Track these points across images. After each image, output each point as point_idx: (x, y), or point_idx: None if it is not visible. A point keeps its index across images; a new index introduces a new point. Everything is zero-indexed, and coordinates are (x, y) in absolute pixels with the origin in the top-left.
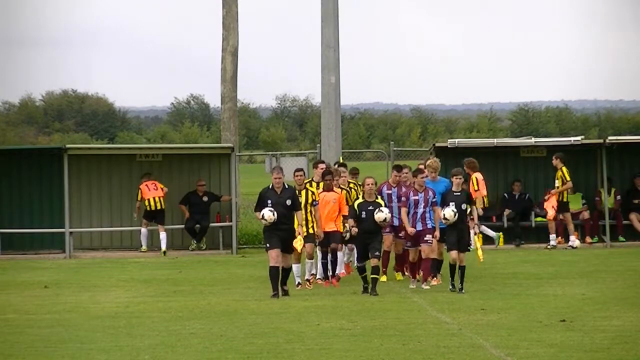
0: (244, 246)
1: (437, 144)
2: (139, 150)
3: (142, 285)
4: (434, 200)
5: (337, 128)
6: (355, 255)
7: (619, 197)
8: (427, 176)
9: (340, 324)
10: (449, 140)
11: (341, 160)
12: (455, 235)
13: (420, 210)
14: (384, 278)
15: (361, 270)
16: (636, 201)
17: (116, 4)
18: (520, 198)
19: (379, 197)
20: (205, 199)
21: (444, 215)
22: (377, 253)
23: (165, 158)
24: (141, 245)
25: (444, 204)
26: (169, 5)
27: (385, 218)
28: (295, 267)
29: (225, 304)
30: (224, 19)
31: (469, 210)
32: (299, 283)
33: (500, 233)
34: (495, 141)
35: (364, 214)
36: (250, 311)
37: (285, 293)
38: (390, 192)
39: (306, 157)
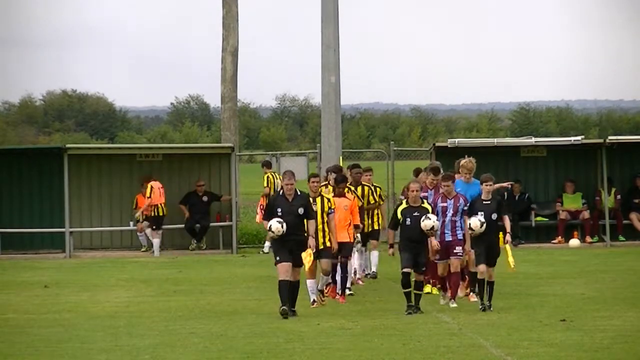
0: (244, 246)
1: (437, 144)
2: (139, 150)
3: (142, 285)
4: (466, 208)
5: (337, 128)
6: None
7: (619, 197)
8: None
9: (341, 323)
10: (449, 140)
11: (341, 161)
12: (484, 247)
13: (449, 218)
14: (434, 290)
15: (405, 283)
16: (636, 201)
17: (116, 4)
18: (520, 198)
19: (425, 202)
20: (205, 198)
21: (470, 225)
22: (423, 269)
23: (166, 158)
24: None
25: (472, 213)
26: (169, 5)
27: (433, 226)
28: (309, 282)
29: (225, 303)
30: (224, 19)
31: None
32: (314, 301)
33: None
34: (495, 141)
35: (408, 221)
36: (251, 311)
37: (294, 314)
38: (425, 194)
39: (306, 157)
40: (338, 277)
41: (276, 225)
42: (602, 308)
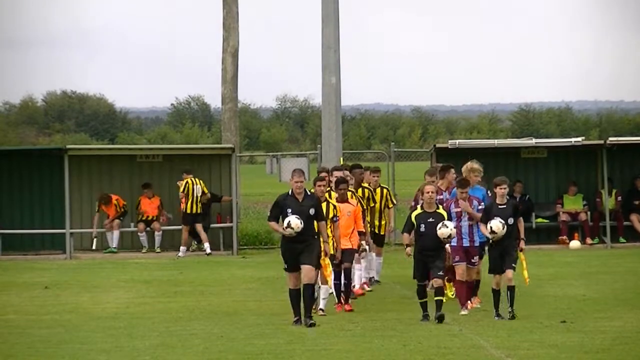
0: (245, 247)
1: (437, 145)
2: (140, 151)
3: (143, 286)
4: (480, 207)
5: (337, 129)
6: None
7: (619, 198)
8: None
9: (341, 324)
10: (449, 141)
11: (342, 162)
12: (499, 254)
13: (465, 223)
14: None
15: (421, 293)
16: (637, 202)
17: (116, 5)
18: (521, 199)
19: (440, 207)
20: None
21: (491, 228)
22: (440, 273)
23: (166, 159)
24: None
25: (488, 219)
26: (169, 6)
27: (450, 234)
28: (323, 288)
29: (225, 304)
30: (224, 20)
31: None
32: (321, 309)
33: None
34: (495, 142)
35: (423, 227)
36: (251, 312)
37: (312, 324)
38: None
39: (307, 158)
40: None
41: (295, 221)
42: (602, 309)
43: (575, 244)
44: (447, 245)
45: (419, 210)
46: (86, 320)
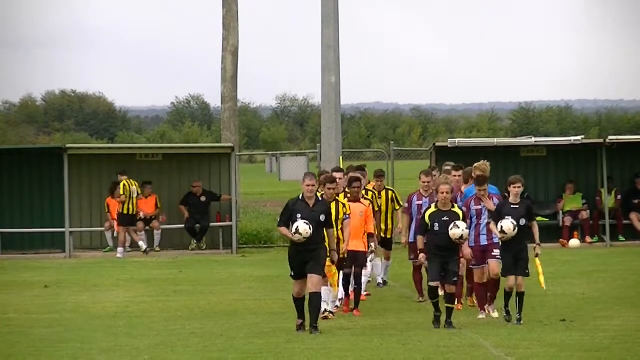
0: (244, 246)
1: (437, 144)
2: (139, 150)
3: (142, 285)
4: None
5: (337, 128)
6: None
7: (619, 197)
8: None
9: (341, 323)
10: (449, 140)
11: (341, 161)
12: (511, 256)
13: (484, 221)
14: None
15: (433, 293)
16: (636, 201)
17: (116, 4)
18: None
19: (456, 206)
20: (203, 199)
21: (502, 227)
22: (454, 279)
23: (166, 158)
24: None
25: (500, 218)
26: (169, 5)
27: (462, 235)
28: (324, 290)
29: (225, 303)
30: (224, 19)
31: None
32: (325, 310)
33: None
34: (495, 141)
35: (437, 226)
36: (251, 311)
37: (316, 330)
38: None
39: (307, 157)
40: (351, 288)
41: (304, 226)
42: (602, 308)
43: (574, 242)
44: (465, 246)
45: (432, 209)
46: (86, 320)
